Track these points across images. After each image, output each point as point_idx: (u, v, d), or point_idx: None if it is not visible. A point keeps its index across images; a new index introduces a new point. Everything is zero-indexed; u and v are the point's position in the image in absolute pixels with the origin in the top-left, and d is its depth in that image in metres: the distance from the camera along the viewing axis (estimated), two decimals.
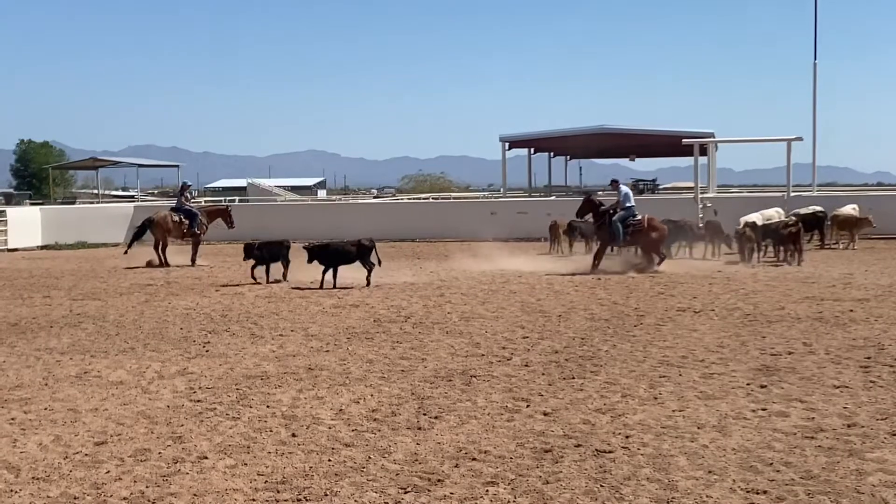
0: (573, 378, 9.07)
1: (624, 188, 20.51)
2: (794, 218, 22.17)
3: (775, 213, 23.15)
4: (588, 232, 22.81)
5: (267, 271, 18.01)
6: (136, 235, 23.18)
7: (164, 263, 22.09)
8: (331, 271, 16.94)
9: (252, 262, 17.96)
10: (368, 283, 16.91)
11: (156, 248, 22.56)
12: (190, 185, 25.43)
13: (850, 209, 25.44)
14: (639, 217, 19.67)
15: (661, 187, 62.20)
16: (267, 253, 17.98)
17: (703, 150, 37.09)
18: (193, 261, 22.42)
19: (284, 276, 18.06)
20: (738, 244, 21.15)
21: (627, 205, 19.87)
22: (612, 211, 19.87)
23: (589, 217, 20.84)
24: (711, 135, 41.30)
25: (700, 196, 27.48)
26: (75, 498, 5.83)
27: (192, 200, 26.77)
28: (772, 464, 6.29)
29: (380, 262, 17.45)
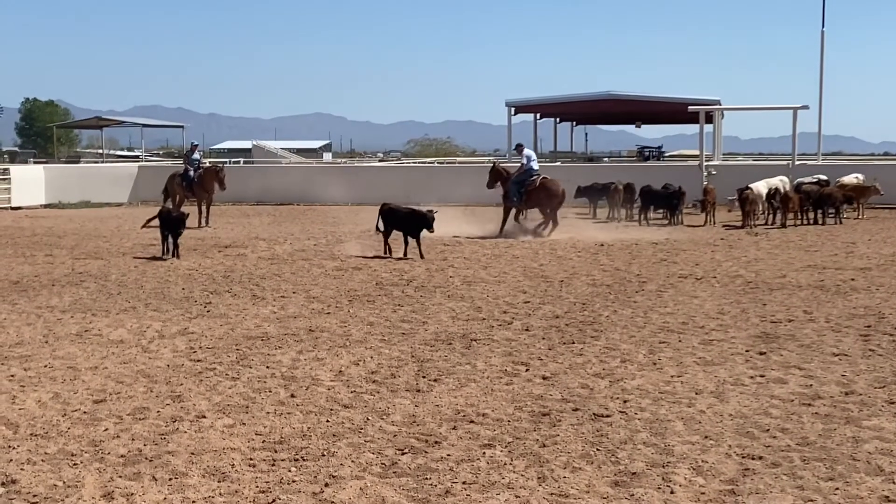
0: (573, 343, 9.08)
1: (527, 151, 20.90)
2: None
3: (780, 182, 23.16)
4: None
5: (165, 241, 16.34)
6: (165, 192, 24.20)
7: None
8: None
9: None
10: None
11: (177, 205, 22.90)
12: (197, 146, 25.68)
13: (853, 178, 25.33)
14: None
15: (666, 155, 61.99)
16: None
17: (710, 118, 36.85)
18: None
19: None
20: (740, 207, 22.04)
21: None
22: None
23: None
24: (717, 102, 40.99)
25: (705, 164, 27.36)
26: (73, 455, 5.86)
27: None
28: (768, 430, 6.30)
29: None
